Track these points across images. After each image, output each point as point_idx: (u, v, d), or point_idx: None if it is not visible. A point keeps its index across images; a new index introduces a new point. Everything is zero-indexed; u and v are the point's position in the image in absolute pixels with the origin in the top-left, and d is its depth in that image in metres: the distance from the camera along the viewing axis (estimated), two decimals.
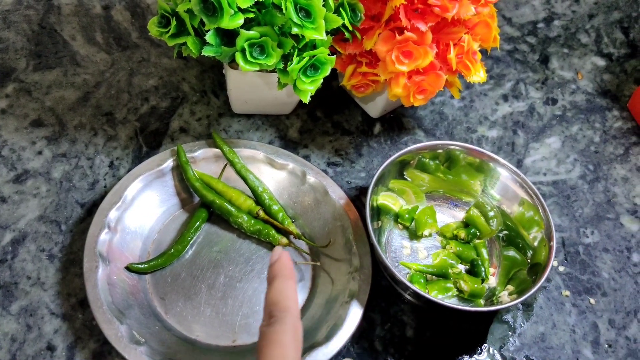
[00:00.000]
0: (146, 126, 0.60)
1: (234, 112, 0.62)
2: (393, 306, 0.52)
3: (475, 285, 0.52)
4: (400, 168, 0.56)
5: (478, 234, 0.56)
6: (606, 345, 0.52)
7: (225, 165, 0.56)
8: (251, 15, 0.48)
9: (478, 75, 0.55)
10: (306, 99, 0.50)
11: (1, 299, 0.48)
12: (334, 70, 0.54)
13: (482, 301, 0.52)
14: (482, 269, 0.53)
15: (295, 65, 0.48)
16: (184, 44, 0.50)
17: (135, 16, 0.68)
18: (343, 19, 0.50)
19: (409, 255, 0.55)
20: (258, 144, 0.58)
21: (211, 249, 0.53)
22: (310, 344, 0.46)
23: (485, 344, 0.51)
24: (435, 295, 0.51)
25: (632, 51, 0.76)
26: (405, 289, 0.50)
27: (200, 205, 0.54)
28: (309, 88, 0.50)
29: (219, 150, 0.56)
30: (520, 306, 0.54)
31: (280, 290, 0.37)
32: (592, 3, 0.79)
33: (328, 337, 0.46)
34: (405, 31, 0.51)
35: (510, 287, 0.52)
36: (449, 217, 0.58)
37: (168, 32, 0.49)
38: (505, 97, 0.70)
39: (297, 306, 0.37)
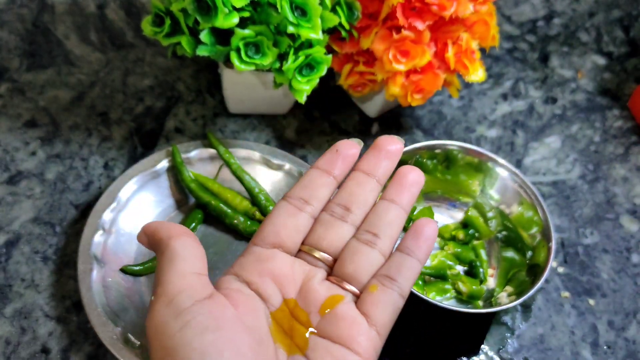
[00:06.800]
0: (141, 126, 0.60)
1: (230, 112, 0.62)
2: None
3: (474, 287, 0.51)
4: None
5: (477, 234, 0.55)
6: (605, 347, 0.52)
7: (221, 165, 0.56)
8: (246, 14, 0.47)
9: (477, 74, 0.55)
10: (302, 99, 0.49)
11: None
12: (330, 70, 0.54)
13: (480, 302, 0.51)
14: (481, 270, 0.53)
15: (290, 64, 0.48)
16: (179, 43, 0.49)
17: (130, 15, 0.68)
18: (339, 17, 0.50)
19: None
20: (254, 144, 0.57)
21: (207, 250, 0.52)
22: None
23: (484, 346, 0.51)
24: (433, 296, 0.51)
25: (632, 50, 0.76)
26: None
27: (195, 206, 0.54)
28: (304, 88, 0.49)
29: (214, 150, 0.56)
30: (519, 307, 0.53)
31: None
32: (592, 1, 0.79)
33: None
34: (402, 30, 0.51)
35: (509, 289, 0.52)
36: (447, 217, 0.57)
37: (162, 31, 0.49)
38: (504, 97, 0.69)
39: None
